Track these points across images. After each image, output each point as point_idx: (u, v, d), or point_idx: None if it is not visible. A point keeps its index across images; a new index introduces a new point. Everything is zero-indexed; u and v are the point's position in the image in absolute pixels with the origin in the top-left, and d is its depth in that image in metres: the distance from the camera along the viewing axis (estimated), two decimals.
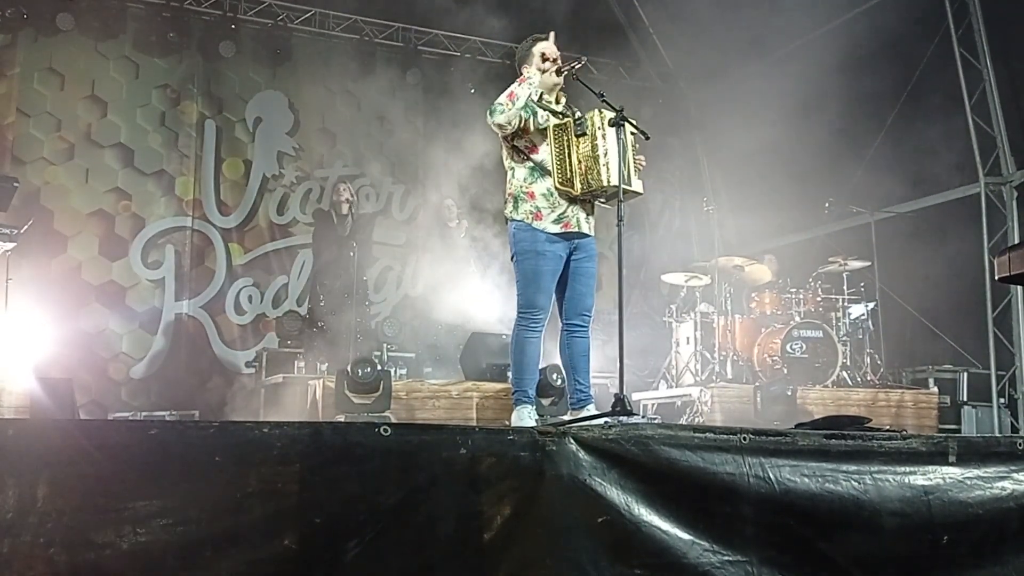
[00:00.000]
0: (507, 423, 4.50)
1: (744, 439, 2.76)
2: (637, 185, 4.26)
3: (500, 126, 4.24)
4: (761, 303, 8.31)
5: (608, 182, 4.12)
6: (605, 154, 4.14)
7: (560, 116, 4.35)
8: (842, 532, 2.75)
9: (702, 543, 2.58)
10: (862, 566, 2.73)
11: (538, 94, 4.42)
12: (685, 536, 2.57)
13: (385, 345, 8.06)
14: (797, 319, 7.93)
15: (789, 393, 7.20)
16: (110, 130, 9.24)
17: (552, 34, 4.46)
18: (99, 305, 8.95)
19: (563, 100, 4.48)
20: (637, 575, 2.49)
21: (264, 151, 9.90)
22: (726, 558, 2.59)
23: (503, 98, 4.23)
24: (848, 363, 7.90)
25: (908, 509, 2.84)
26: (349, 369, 6.50)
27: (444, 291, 8.34)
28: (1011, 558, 2.94)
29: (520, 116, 4.24)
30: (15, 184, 7.13)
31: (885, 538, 2.79)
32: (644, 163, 4.45)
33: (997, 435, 7.14)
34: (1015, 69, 8.18)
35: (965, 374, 8.17)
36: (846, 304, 8.14)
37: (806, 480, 2.77)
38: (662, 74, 11.51)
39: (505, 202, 4.46)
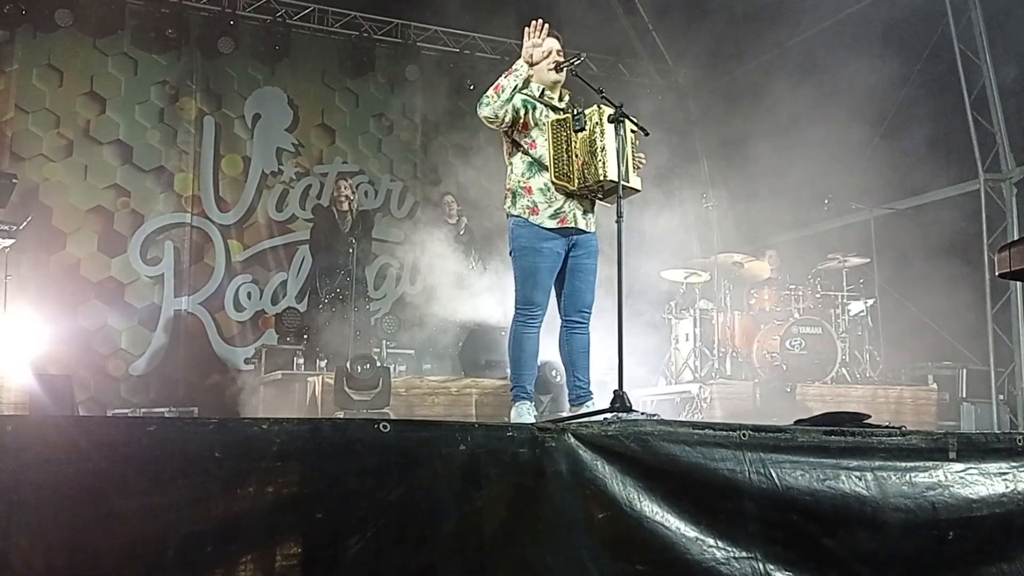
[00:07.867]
0: (506, 419, 4.49)
1: (744, 435, 2.74)
2: (635, 182, 4.21)
3: (487, 119, 4.22)
4: (760, 300, 8.30)
5: (604, 177, 4.08)
6: (603, 150, 4.10)
7: (561, 112, 4.33)
8: (845, 528, 2.74)
9: (705, 539, 2.57)
10: (868, 563, 2.72)
11: (540, 90, 4.40)
12: (688, 532, 2.56)
13: (384, 342, 8.07)
14: (796, 316, 7.92)
15: (788, 390, 7.20)
16: (109, 126, 9.22)
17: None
18: (98, 302, 8.94)
19: (566, 97, 4.47)
20: (639, 571, 2.48)
21: (263, 148, 9.89)
22: (731, 554, 2.58)
23: (489, 90, 4.21)
24: (847, 360, 7.89)
25: (911, 505, 2.83)
26: (348, 366, 6.51)
27: (443, 287, 8.33)
28: (1018, 554, 2.93)
29: (510, 109, 4.19)
30: (13, 180, 7.12)
31: (889, 534, 2.78)
32: (644, 160, 4.43)
33: (996, 431, 7.14)
34: (1015, 65, 8.17)
35: (964, 371, 8.17)
36: (845, 301, 8.13)
37: (806, 476, 2.76)
38: (661, 71, 11.51)
39: (504, 198, 4.45)
